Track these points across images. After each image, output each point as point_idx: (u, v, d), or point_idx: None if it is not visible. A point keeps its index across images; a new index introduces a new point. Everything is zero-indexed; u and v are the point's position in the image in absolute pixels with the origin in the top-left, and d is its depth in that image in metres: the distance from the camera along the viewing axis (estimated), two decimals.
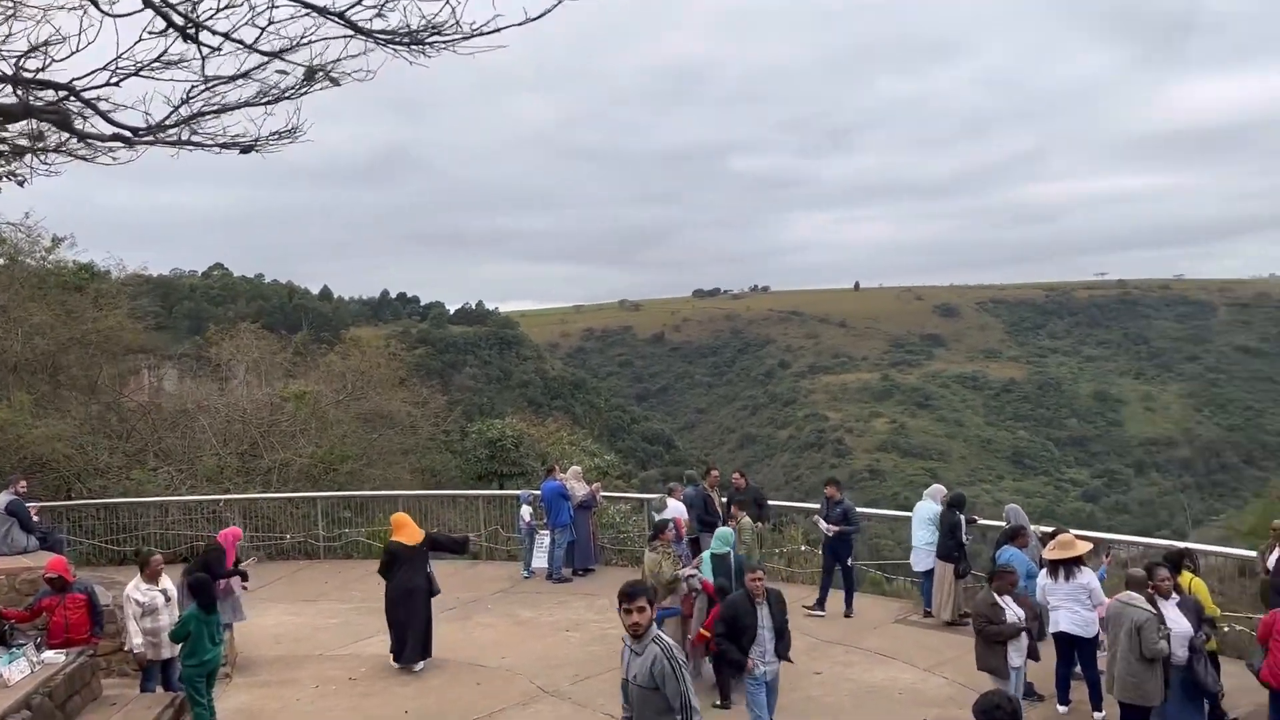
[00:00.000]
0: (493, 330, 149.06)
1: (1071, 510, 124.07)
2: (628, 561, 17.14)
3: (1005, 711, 4.84)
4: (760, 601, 8.65)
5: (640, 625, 5.82)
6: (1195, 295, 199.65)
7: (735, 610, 8.68)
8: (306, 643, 12.93)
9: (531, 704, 10.37)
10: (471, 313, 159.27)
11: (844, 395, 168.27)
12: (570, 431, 24.75)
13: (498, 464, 21.45)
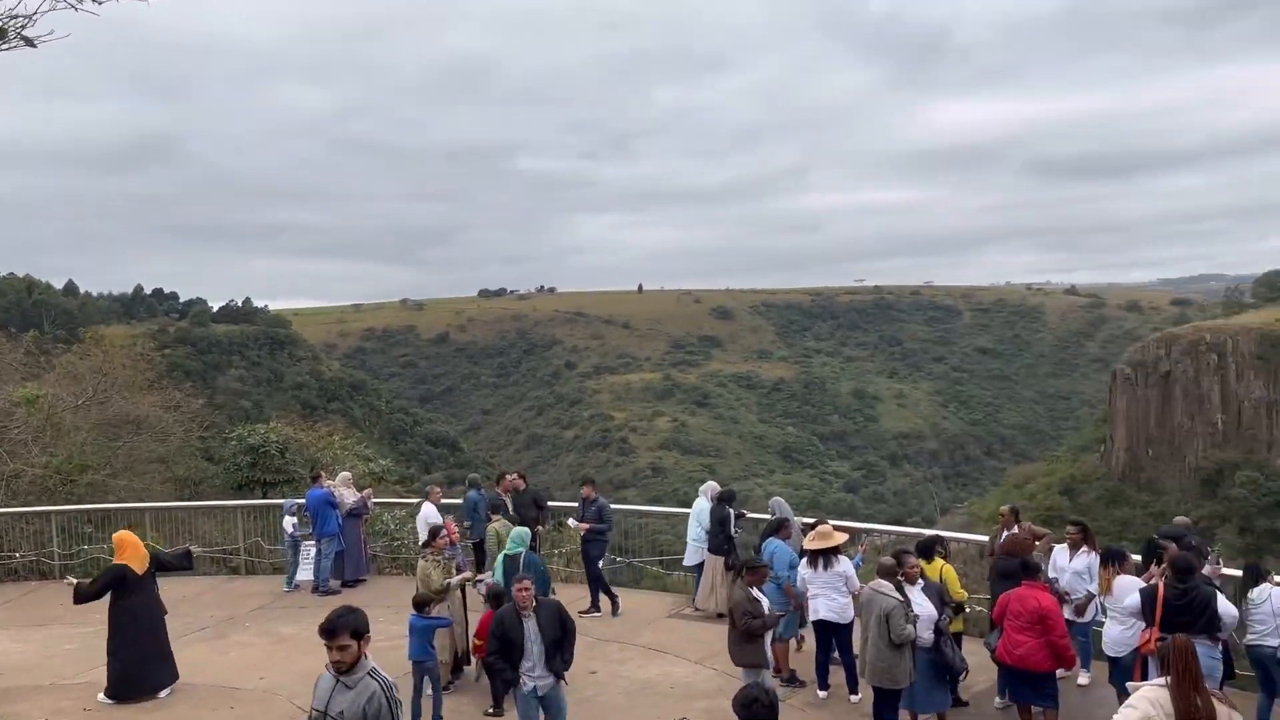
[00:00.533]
0: (262, 329, 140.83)
1: (834, 501, 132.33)
2: (402, 570, 16.53)
3: (763, 704, 4.94)
4: (527, 614, 8.28)
5: (344, 663, 5.27)
6: (942, 300, 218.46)
7: (503, 624, 8.35)
8: (35, 672, 11.58)
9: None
10: (238, 311, 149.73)
11: (628, 395, 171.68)
12: (344, 435, 23.62)
13: (261, 472, 20.11)
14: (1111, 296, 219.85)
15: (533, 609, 8.28)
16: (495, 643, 8.33)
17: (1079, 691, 9.82)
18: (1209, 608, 7.99)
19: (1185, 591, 8.05)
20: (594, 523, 13.15)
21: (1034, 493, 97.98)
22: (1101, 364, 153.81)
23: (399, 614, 13.23)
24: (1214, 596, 8.10)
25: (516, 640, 8.19)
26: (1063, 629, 8.63)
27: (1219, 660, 8.17)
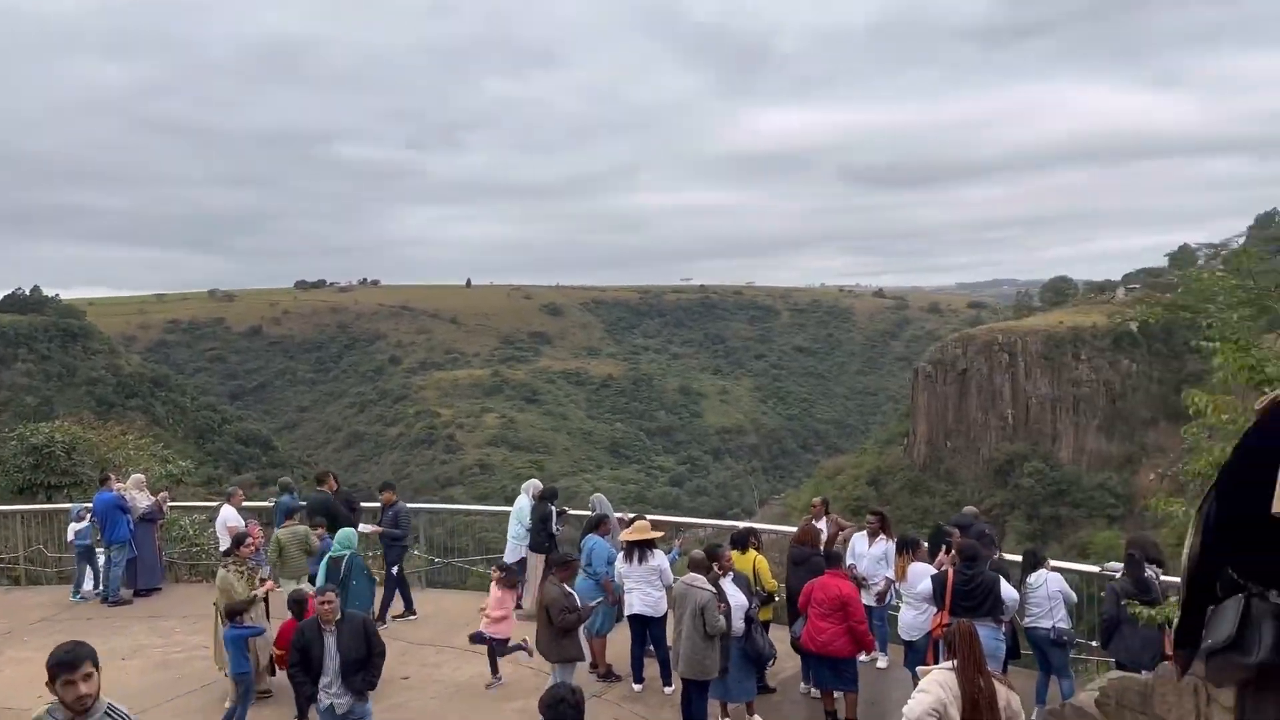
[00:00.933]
0: (52, 320, 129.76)
1: (660, 494, 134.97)
2: (202, 577, 15.61)
3: (569, 704, 4.93)
4: (329, 629, 7.90)
5: (90, 696, 4.49)
6: (763, 301, 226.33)
7: (303, 636, 8.02)
8: None
9: None
10: (25, 299, 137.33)
11: (455, 391, 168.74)
12: (139, 435, 21.97)
13: (44, 474, 18.44)
14: (915, 299, 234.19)
15: (334, 623, 7.93)
16: (295, 655, 8.03)
17: (877, 674, 10.37)
18: (993, 592, 8.59)
19: (972, 577, 8.63)
20: (390, 528, 12.77)
21: (844, 484, 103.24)
22: (905, 362, 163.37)
23: (196, 624, 12.52)
24: (998, 582, 8.71)
25: (316, 655, 7.89)
26: (862, 615, 9.09)
27: (1003, 641, 8.80)
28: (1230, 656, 2.46)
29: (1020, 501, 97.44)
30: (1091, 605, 10.08)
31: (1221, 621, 2.53)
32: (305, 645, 7.93)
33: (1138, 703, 5.07)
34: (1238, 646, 2.43)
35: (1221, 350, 4.75)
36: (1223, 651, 2.48)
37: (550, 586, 9.12)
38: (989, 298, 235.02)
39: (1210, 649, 2.51)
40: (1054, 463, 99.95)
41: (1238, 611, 2.49)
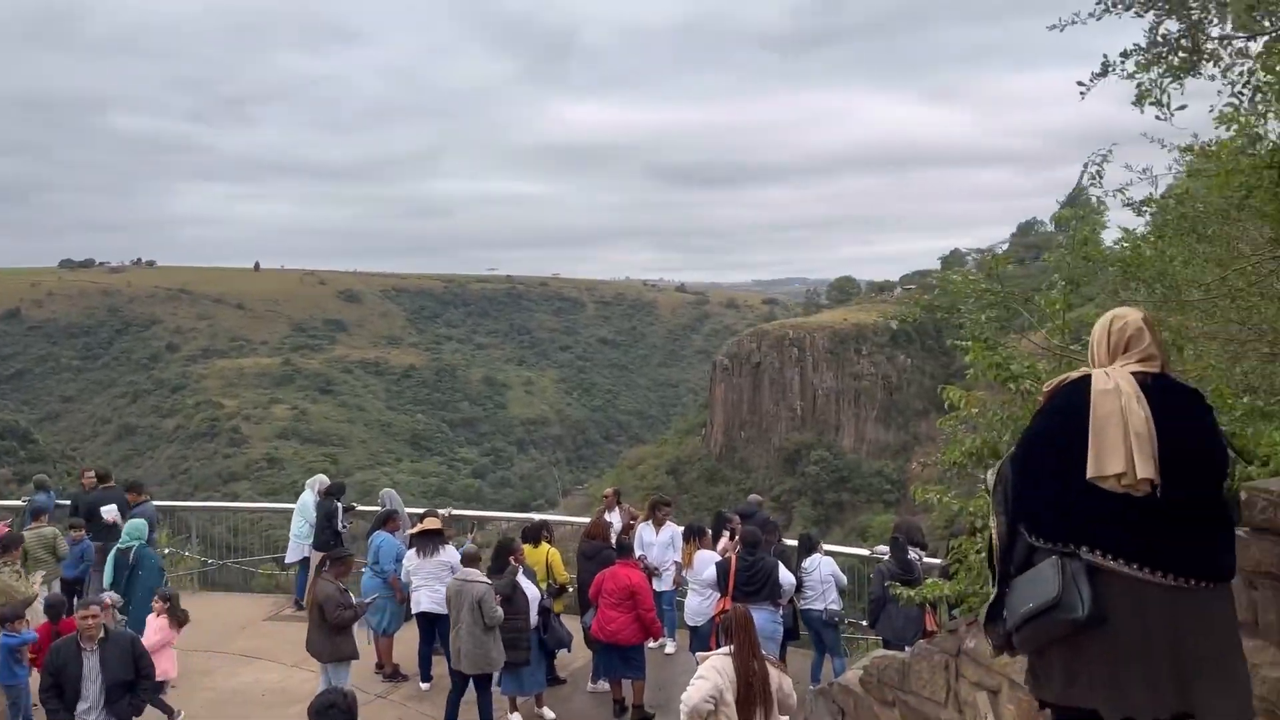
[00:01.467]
0: None
1: (463, 487, 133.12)
2: None
3: (340, 710, 4.72)
4: (90, 649, 7.17)
5: None
6: (569, 293, 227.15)
7: (59, 658, 7.18)
8: None
9: None
10: None
11: (241, 381, 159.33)
12: None
13: None
14: (714, 295, 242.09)
15: (98, 641, 7.21)
16: (48, 678, 7.22)
17: (665, 660, 10.60)
18: (772, 577, 8.95)
19: (753, 563, 8.96)
20: None
21: (645, 473, 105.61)
22: (705, 355, 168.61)
23: None
24: (776, 567, 9.08)
25: (72, 676, 7.14)
26: (651, 603, 9.26)
27: (780, 624, 9.20)
28: (1054, 615, 2.63)
29: (807, 488, 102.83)
30: (865, 586, 10.71)
31: (1039, 584, 2.69)
32: (60, 666, 7.13)
33: (896, 679, 5.40)
34: (1060, 606, 2.62)
35: (972, 349, 5.11)
36: (1046, 613, 2.64)
37: (323, 583, 8.77)
38: (782, 295, 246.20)
39: (1032, 612, 2.66)
40: (837, 451, 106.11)
41: (1057, 571, 2.66)
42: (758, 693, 5.86)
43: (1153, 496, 2.65)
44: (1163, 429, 2.67)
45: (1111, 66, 3.66)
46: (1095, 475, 2.66)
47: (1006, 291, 5.38)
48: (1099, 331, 3.00)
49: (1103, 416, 2.70)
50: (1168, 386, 2.82)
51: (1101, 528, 2.67)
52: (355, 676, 9.48)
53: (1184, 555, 2.64)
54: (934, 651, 5.05)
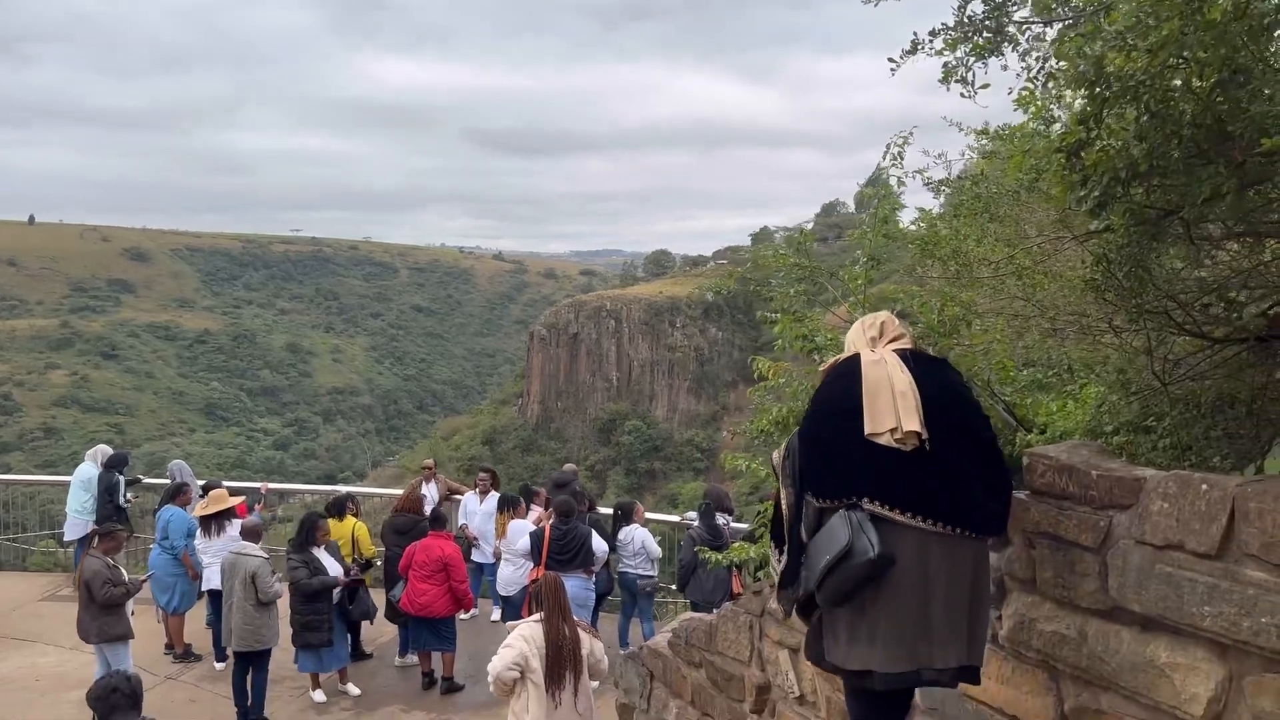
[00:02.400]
0: None
1: (263, 459, 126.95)
2: None
3: (124, 693, 4.38)
4: None
5: None
6: (381, 257, 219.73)
7: None
8: None
9: None
10: None
11: (13, 344, 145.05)
12: None
13: None
14: (533, 264, 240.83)
15: None
16: None
17: (476, 630, 10.50)
18: (585, 545, 9.02)
19: (566, 532, 9.00)
20: None
21: (459, 444, 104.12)
22: (522, 325, 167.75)
23: None
24: (589, 535, 9.16)
25: None
26: (464, 574, 9.14)
27: (592, 591, 9.31)
28: (850, 562, 2.85)
29: (621, 457, 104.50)
30: (676, 552, 10.99)
31: (832, 538, 2.91)
32: None
33: (703, 640, 5.56)
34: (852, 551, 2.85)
35: (781, 321, 5.28)
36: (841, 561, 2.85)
37: (91, 559, 8.18)
38: (600, 266, 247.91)
39: (830, 564, 2.87)
40: (651, 421, 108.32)
41: (845, 522, 2.90)
42: (568, 657, 5.89)
43: (920, 449, 2.93)
44: (922, 390, 2.99)
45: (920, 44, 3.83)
46: (871, 432, 2.94)
47: (813, 266, 5.59)
48: (856, 331, 3.36)
49: (873, 382, 3.02)
50: (920, 357, 3.20)
51: (879, 480, 2.93)
52: (144, 658, 8.92)
53: (950, 504, 2.91)
54: (739, 612, 5.22)
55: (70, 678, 9.11)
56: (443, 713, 8.73)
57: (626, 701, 6.69)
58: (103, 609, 8.04)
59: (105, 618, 8.08)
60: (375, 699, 8.96)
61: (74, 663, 9.35)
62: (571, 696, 5.91)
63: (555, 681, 5.81)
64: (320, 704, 8.79)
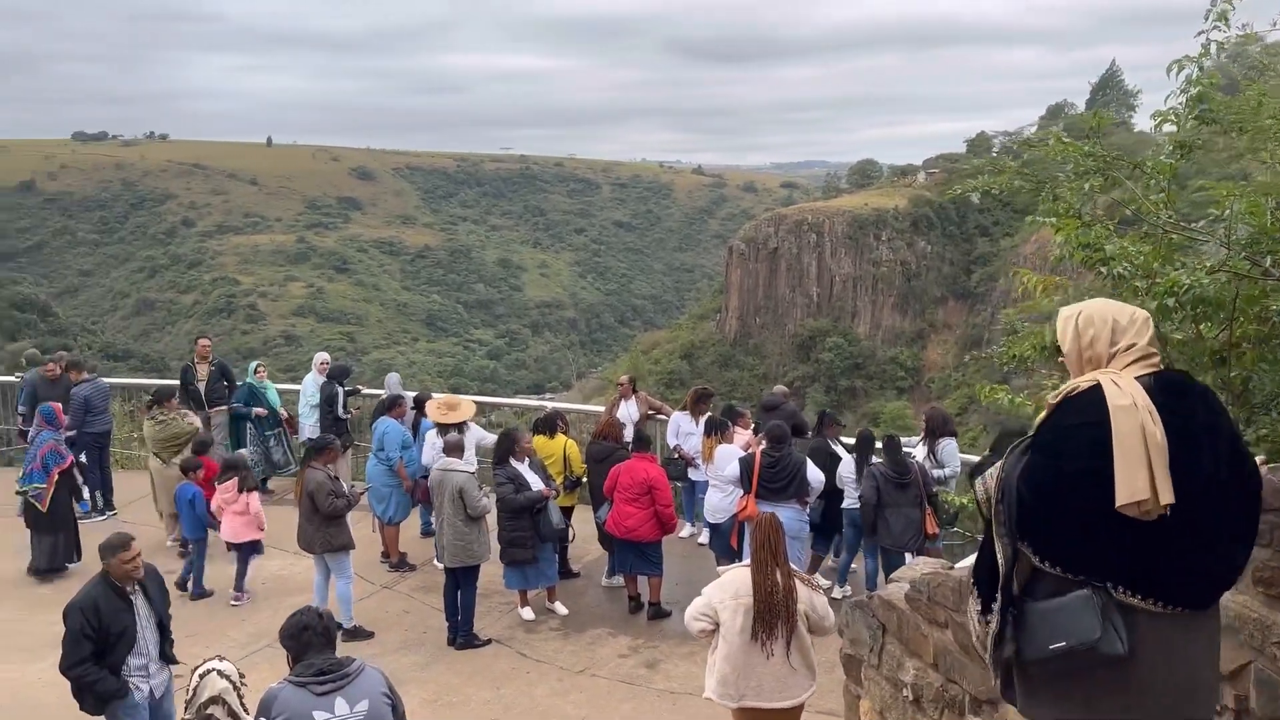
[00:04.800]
0: None
1: (477, 368, 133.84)
2: None
3: (316, 631, 4.17)
4: (134, 590, 5.66)
5: None
6: (584, 174, 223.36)
7: (98, 613, 5.44)
8: None
9: None
10: None
11: (256, 258, 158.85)
12: None
13: None
14: (732, 177, 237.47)
15: (137, 580, 5.70)
16: (87, 644, 5.39)
17: (685, 552, 10.14)
18: (798, 474, 8.37)
19: (778, 460, 8.36)
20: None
21: (659, 358, 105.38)
22: (720, 239, 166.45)
23: None
24: (804, 463, 8.49)
25: (126, 629, 5.55)
26: (669, 498, 8.72)
27: (806, 523, 8.68)
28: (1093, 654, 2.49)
29: (820, 374, 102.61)
30: None
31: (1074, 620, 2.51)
32: (104, 623, 5.44)
33: (953, 600, 4.81)
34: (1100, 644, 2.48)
35: (1063, 225, 4.30)
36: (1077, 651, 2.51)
37: (312, 471, 8.27)
38: (801, 178, 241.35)
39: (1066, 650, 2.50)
40: (852, 338, 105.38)
41: (1092, 607, 2.50)
42: (779, 606, 5.34)
43: (1166, 520, 2.45)
44: (1174, 442, 2.46)
45: None
46: (1125, 503, 2.44)
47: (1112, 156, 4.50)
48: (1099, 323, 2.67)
49: (1126, 436, 2.46)
50: (1172, 386, 2.59)
51: (1131, 561, 2.50)
52: (360, 566, 9.10)
53: (1207, 583, 2.55)
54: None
55: (291, 582, 9.45)
56: (650, 639, 8.43)
57: (853, 653, 6.04)
58: (326, 520, 8.18)
59: (328, 528, 8.23)
60: (582, 620, 8.79)
61: (297, 567, 9.68)
62: (784, 649, 5.37)
63: (766, 631, 5.32)
64: (528, 621, 8.70)
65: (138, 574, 5.62)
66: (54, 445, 9.41)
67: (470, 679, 7.68)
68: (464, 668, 7.88)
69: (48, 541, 9.43)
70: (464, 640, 8.23)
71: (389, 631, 8.49)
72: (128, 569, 5.55)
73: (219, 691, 3.88)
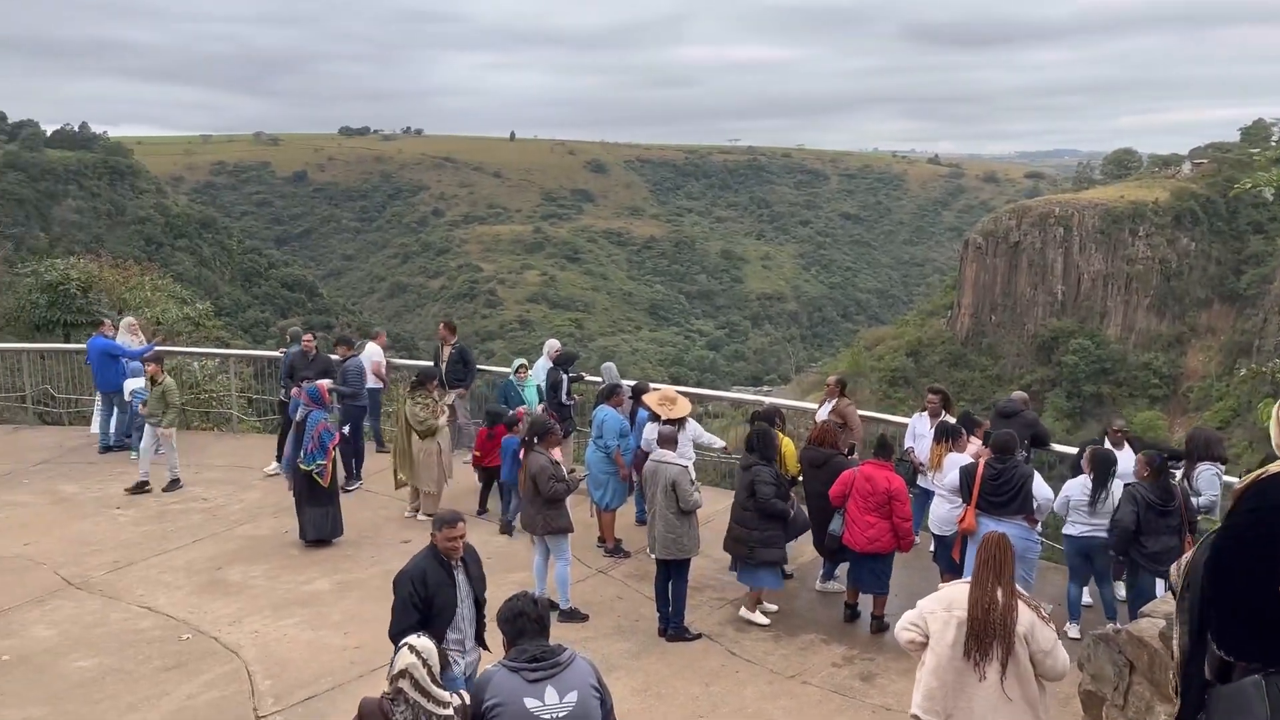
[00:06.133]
0: (101, 158, 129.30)
1: (697, 358, 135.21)
2: (212, 425, 15.24)
3: (530, 618, 4.21)
4: (457, 566, 5.73)
5: None
6: (812, 164, 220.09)
7: (425, 582, 5.56)
8: None
9: (49, 600, 8.60)
10: (74, 136, 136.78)
11: (497, 246, 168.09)
12: (156, 276, 21.34)
13: (60, 312, 17.98)
14: (971, 167, 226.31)
15: (459, 557, 5.76)
16: (414, 613, 5.49)
17: (912, 563, 9.65)
18: (1024, 488, 7.74)
19: (1002, 471, 7.77)
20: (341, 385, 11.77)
21: (882, 354, 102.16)
22: (956, 233, 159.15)
23: (200, 473, 12.16)
24: (1030, 477, 7.85)
25: (448, 603, 5.63)
26: (908, 511, 8.28)
27: (1035, 543, 8.04)
28: None
29: (1062, 378, 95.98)
30: None
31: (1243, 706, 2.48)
32: (430, 593, 5.53)
33: None
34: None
35: None
36: None
37: (535, 455, 8.46)
38: (1049, 168, 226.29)
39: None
40: (1100, 340, 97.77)
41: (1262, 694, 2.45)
42: (995, 626, 4.88)
43: None
44: None
45: None
46: None
47: None
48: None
49: None
50: None
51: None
52: (577, 549, 9.27)
53: None
54: None
55: (514, 559, 9.78)
56: (866, 650, 8.08)
57: (1094, 689, 5.49)
58: (547, 503, 8.38)
59: (549, 511, 8.43)
60: (794, 623, 8.55)
61: (516, 545, 10.02)
62: (998, 673, 4.91)
63: (979, 649, 4.91)
64: (738, 620, 8.56)
65: (457, 552, 5.69)
66: (325, 424, 10.14)
67: (680, 672, 7.64)
68: (674, 660, 7.85)
69: (318, 514, 10.07)
70: (674, 632, 8.20)
71: (602, 616, 8.61)
72: (448, 546, 5.65)
73: (407, 666, 3.99)
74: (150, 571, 9.31)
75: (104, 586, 8.93)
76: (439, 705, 3.99)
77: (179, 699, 7.00)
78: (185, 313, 19.08)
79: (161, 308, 18.49)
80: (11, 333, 18.70)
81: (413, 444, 10.80)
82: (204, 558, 9.67)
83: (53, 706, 6.86)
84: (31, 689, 7.09)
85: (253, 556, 9.76)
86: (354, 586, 9.03)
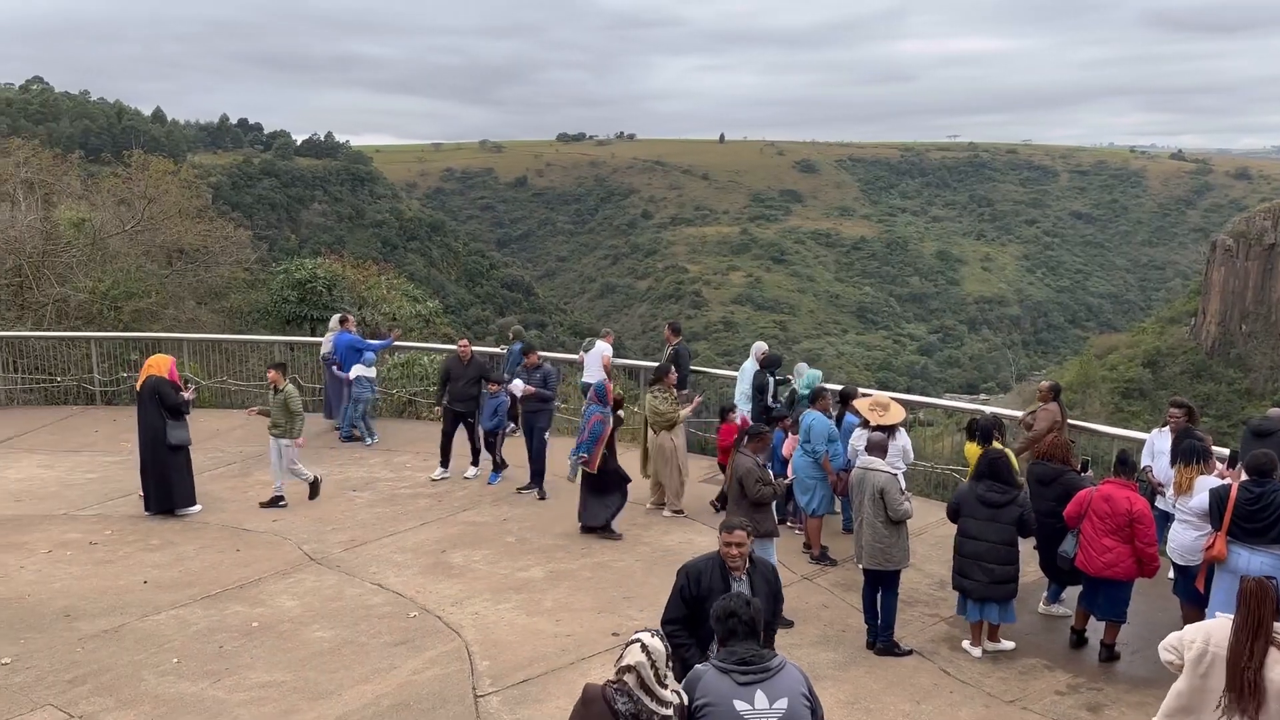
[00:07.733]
0: (344, 165, 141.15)
1: (907, 363, 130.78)
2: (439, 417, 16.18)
3: (741, 619, 4.18)
4: (739, 577, 5.47)
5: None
6: (1040, 160, 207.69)
7: (699, 583, 5.45)
8: (51, 500, 11.54)
9: (293, 573, 9.41)
10: (320, 145, 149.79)
11: (703, 248, 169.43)
12: (392, 275, 22.99)
13: (308, 307, 19.72)
14: (1220, 163, 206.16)
15: (745, 570, 5.54)
16: (682, 607, 5.45)
17: (1149, 590, 8.91)
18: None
19: (1260, 495, 6.95)
20: (540, 388, 12.02)
21: (1115, 364, 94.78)
22: (1201, 234, 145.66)
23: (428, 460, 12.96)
24: None
25: None
26: (1153, 535, 7.64)
27: None
28: None
29: None
30: None
31: None
32: (700, 594, 5.39)
33: None
34: None
35: None
36: None
37: (742, 458, 8.42)
38: None
39: None
40: None
41: None
42: (1247, 686, 4.58)
43: None
44: None
45: None
46: None
47: None
48: None
49: None
50: None
51: None
52: (783, 553, 9.17)
53: None
54: None
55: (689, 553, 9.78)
56: (1093, 679, 7.52)
57: None
58: (753, 505, 8.34)
59: (755, 514, 8.35)
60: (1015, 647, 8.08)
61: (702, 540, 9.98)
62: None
63: (1231, 696, 4.67)
64: (952, 639, 8.18)
65: (735, 559, 5.46)
66: (600, 417, 10.57)
67: (889, 687, 7.40)
68: (883, 674, 7.61)
69: (598, 500, 10.45)
70: (884, 646, 7.95)
71: (808, 624, 8.47)
72: (725, 550, 5.48)
73: (635, 663, 4.04)
74: (382, 551, 10.00)
75: (341, 563, 9.68)
76: (661, 705, 4.04)
77: (406, 673, 7.47)
78: (417, 310, 20.38)
79: (396, 305, 19.84)
80: (264, 326, 20.62)
81: (648, 438, 11.19)
82: (430, 540, 10.29)
83: (294, 673, 7.47)
84: (276, 655, 7.76)
85: (474, 542, 10.28)
86: (565, 577, 9.33)
